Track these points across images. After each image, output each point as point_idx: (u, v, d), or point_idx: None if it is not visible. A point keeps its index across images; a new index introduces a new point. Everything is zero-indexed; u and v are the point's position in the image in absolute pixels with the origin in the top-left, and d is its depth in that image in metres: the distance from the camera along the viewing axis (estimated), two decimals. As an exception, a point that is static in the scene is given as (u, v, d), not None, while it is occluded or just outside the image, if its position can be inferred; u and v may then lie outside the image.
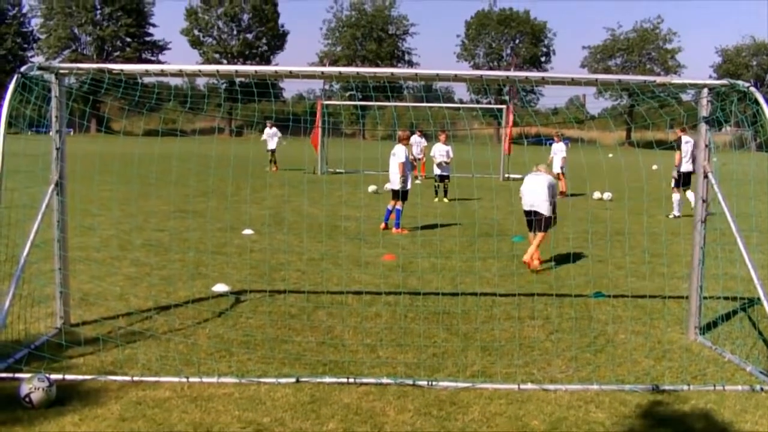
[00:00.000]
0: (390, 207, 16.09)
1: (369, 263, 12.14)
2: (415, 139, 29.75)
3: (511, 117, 32.85)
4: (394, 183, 15.89)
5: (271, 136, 32.89)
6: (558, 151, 25.31)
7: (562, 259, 12.61)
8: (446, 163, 22.72)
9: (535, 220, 12.12)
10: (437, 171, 22.89)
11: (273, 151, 32.85)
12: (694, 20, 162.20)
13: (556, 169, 24.72)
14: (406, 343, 7.85)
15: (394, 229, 15.75)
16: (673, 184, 20.14)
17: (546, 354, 7.66)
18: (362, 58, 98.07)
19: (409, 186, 16.09)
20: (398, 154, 15.83)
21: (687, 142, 19.71)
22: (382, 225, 15.96)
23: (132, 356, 7.20)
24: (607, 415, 6.06)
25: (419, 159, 29.88)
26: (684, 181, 19.67)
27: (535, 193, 12.12)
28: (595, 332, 8.47)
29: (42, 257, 8.76)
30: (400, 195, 15.85)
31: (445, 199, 22.53)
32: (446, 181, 22.82)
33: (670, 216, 19.36)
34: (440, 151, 22.82)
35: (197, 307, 9.13)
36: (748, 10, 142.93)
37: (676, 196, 19.72)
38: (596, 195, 23.92)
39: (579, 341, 8.09)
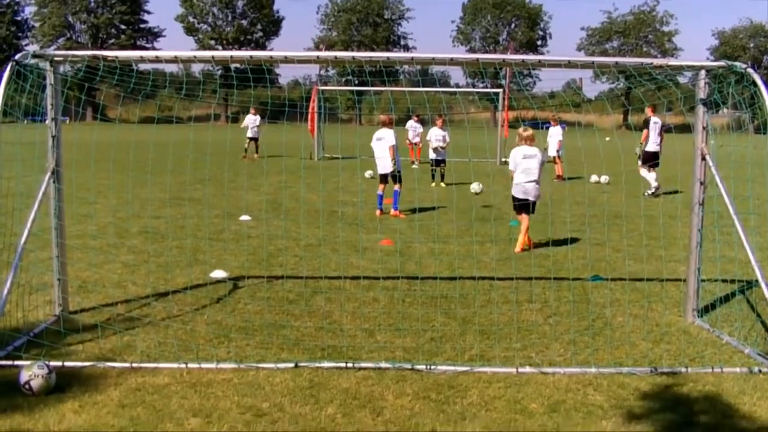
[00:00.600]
0: (380, 192, 16.04)
1: (367, 248, 12.14)
2: (412, 124, 29.74)
3: (506, 101, 32.83)
4: (386, 167, 15.83)
5: (253, 123, 32.38)
6: (554, 134, 25.31)
7: (559, 243, 12.62)
8: (442, 147, 22.74)
9: (530, 203, 12.20)
10: (433, 155, 22.92)
11: (255, 139, 32.35)
12: (690, 2, 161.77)
13: (552, 152, 24.73)
14: (404, 327, 7.85)
15: (392, 212, 15.75)
16: (639, 163, 20.63)
17: (544, 337, 7.67)
18: (358, 43, 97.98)
19: (399, 168, 16.06)
20: (387, 137, 15.78)
21: (656, 122, 20.53)
22: (378, 212, 15.92)
23: (131, 343, 7.21)
24: (606, 398, 6.07)
25: (415, 144, 29.86)
26: (650, 159, 20.32)
27: (530, 175, 12.14)
28: (593, 315, 8.49)
29: (39, 245, 8.74)
30: (398, 178, 15.84)
31: (442, 184, 22.55)
32: (442, 165, 22.86)
33: (647, 194, 19.78)
34: (436, 135, 22.85)
35: (195, 293, 9.14)
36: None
37: (650, 174, 20.21)
38: (593, 178, 23.93)
39: (577, 324, 8.11)
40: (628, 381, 6.45)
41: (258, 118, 32.27)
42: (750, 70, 7.47)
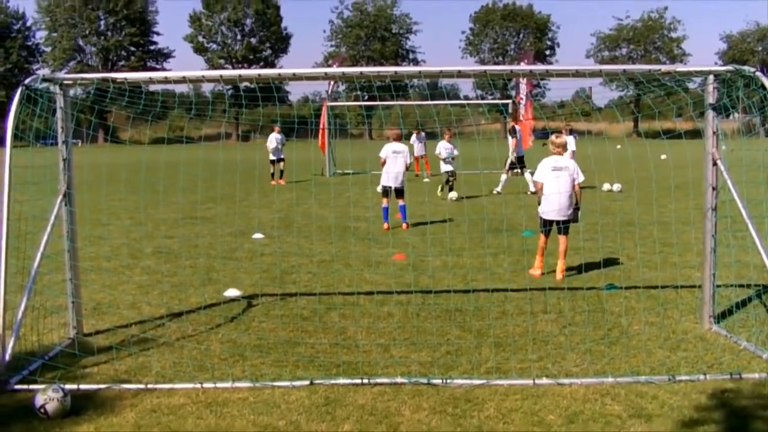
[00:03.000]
0: (386, 205, 16.00)
1: (380, 263, 12.13)
2: (414, 138, 30.34)
3: (530, 113, 32.90)
4: (399, 181, 15.87)
5: (280, 143, 28.86)
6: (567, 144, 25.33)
7: (573, 253, 12.54)
8: (452, 158, 22.79)
9: (562, 226, 11.08)
10: (445, 167, 22.91)
11: (282, 160, 28.67)
12: (698, 8, 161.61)
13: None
14: (419, 341, 7.82)
15: (404, 225, 15.77)
16: (507, 167, 23.74)
17: (560, 348, 7.63)
18: (367, 58, 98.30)
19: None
20: (405, 153, 15.95)
21: (520, 130, 23.77)
22: (385, 225, 15.84)
23: (146, 364, 7.21)
24: (624, 408, 6.02)
25: (421, 157, 30.45)
26: (520, 163, 23.54)
27: (563, 196, 10.90)
28: (609, 324, 8.44)
29: (53, 268, 8.79)
30: (402, 192, 15.94)
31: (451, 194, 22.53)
32: (454, 176, 22.90)
33: (495, 191, 23.21)
34: (446, 148, 22.87)
35: (209, 312, 9.14)
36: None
37: (504, 177, 23.60)
38: (605, 187, 23.87)
39: (593, 334, 8.06)
40: (646, 389, 6.40)
41: (283, 136, 29.38)
42: (759, 74, 7.43)
